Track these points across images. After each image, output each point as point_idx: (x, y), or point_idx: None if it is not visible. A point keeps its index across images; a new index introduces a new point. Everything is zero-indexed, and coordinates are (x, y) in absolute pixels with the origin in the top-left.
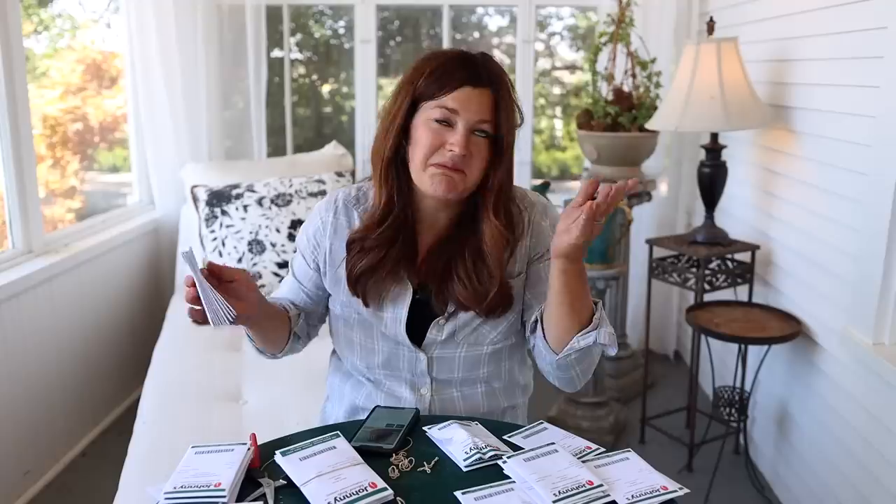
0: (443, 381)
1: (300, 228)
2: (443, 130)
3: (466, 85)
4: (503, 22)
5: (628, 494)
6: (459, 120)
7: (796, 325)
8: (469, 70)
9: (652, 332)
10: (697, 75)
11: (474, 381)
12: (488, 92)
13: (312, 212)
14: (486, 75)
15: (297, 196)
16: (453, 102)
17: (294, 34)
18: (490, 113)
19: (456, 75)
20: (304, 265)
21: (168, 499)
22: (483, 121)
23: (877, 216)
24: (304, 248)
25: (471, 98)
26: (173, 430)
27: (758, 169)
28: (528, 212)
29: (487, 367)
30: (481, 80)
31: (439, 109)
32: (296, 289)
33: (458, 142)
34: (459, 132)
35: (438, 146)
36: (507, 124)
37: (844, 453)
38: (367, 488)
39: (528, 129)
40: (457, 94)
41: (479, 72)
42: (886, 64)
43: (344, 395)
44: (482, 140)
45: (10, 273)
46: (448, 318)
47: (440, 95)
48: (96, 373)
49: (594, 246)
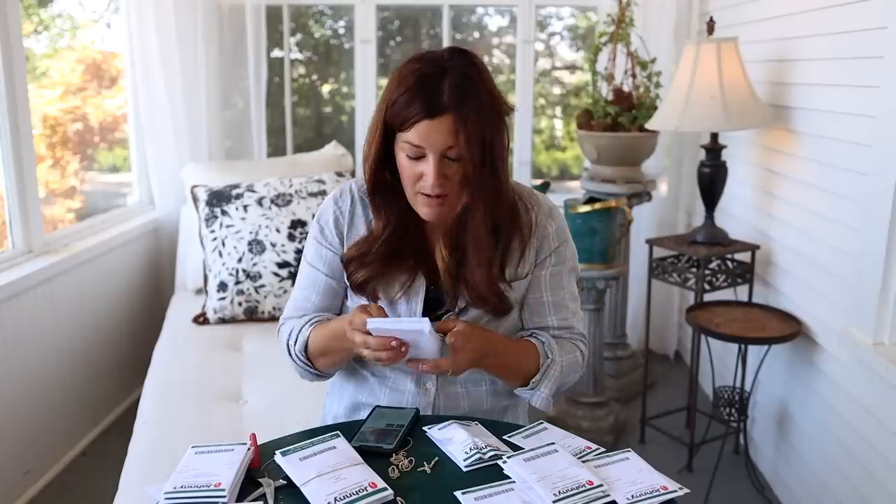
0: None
1: (315, 223)
2: (417, 162)
3: (424, 118)
4: (503, 22)
5: (628, 494)
6: (427, 152)
7: (796, 325)
8: (425, 100)
9: (652, 332)
10: (697, 75)
11: (479, 380)
12: (449, 117)
13: (325, 204)
14: (445, 97)
15: (297, 196)
16: (416, 139)
17: (294, 34)
18: (453, 138)
19: (413, 109)
20: (333, 257)
21: (168, 499)
22: (448, 148)
23: (877, 216)
24: (329, 240)
25: (430, 131)
26: (173, 430)
27: (758, 169)
28: (535, 212)
29: None
30: (438, 108)
31: (407, 145)
32: (331, 289)
33: (430, 174)
34: (430, 164)
35: (417, 177)
36: (476, 141)
37: (844, 453)
38: (367, 488)
39: (528, 129)
40: (417, 129)
41: (435, 98)
42: (886, 64)
43: (345, 392)
44: (457, 164)
45: (10, 273)
46: (459, 313)
47: (404, 130)
48: (96, 373)
49: (594, 246)
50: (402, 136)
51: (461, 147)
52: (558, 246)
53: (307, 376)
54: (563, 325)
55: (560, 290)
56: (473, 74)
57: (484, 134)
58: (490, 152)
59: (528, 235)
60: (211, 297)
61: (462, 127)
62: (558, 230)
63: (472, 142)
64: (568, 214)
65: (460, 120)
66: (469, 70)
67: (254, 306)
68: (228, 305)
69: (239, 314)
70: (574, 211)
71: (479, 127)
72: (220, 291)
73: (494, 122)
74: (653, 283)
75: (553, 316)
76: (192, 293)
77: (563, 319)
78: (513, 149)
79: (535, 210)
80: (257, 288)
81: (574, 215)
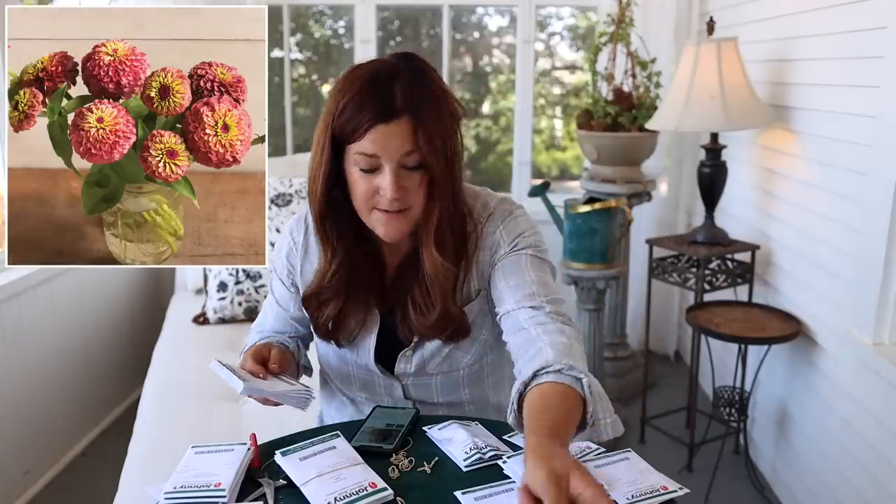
0: (426, 403)
1: (274, 252)
2: (372, 176)
3: (379, 123)
4: (503, 22)
5: (628, 494)
6: (383, 162)
7: (796, 325)
8: (378, 103)
9: (652, 332)
10: (697, 75)
11: (458, 404)
12: (406, 120)
13: (283, 232)
14: (400, 100)
15: (297, 196)
16: (371, 147)
17: (294, 34)
18: (412, 143)
19: (366, 114)
20: (283, 290)
21: (168, 499)
22: (407, 153)
23: (877, 216)
24: (280, 272)
25: (387, 136)
26: (173, 430)
27: (758, 169)
28: (483, 225)
29: (468, 389)
30: (394, 111)
31: (360, 157)
32: (282, 317)
33: (388, 186)
34: (387, 175)
35: (373, 192)
36: (435, 147)
37: (844, 453)
38: (367, 488)
39: (528, 129)
40: (371, 135)
41: (389, 101)
42: (886, 64)
43: (332, 415)
44: (416, 173)
45: (10, 273)
46: (414, 348)
47: (356, 140)
48: (96, 373)
49: (594, 246)
50: (354, 148)
51: (422, 152)
52: (512, 240)
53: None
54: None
55: (517, 273)
56: (426, 75)
57: (442, 137)
58: (450, 158)
59: (473, 251)
60: (211, 297)
61: (421, 128)
62: (508, 228)
63: (433, 145)
64: (568, 214)
65: (418, 121)
66: (421, 70)
67: (254, 306)
68: (228, 305)
69: (239, 314)
70: (574, 211)
71: (438, 129)
72: (220, 291)
73: (451, 126)
74: (653, 283)
75: (511, 298)
76: (192, 293)
77: (526, 298)
78: (512, 149)
79: (482, 223)
80: (257, 288)
81: (574, 215)
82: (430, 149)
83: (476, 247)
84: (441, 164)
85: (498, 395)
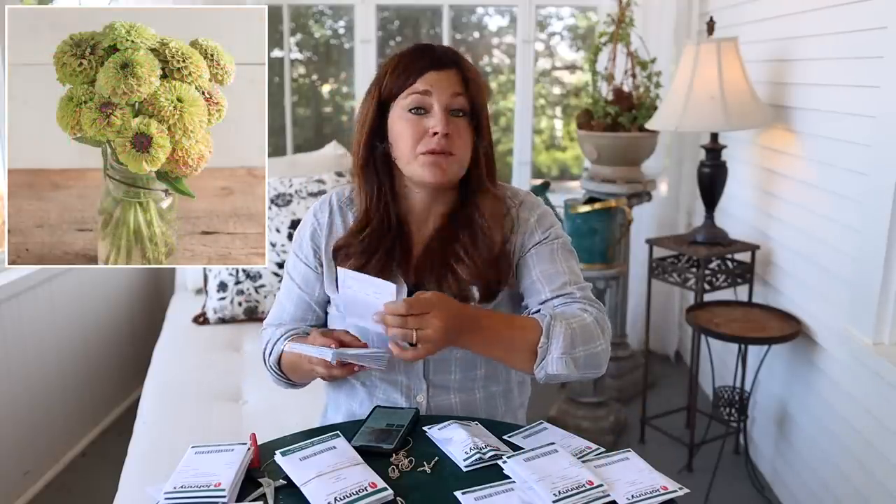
0: (439, 385)
1: (295, 236)
2: (420, 118)
3: (431, 69)
4: (503, 22)
5: (628, 494)
6: (434, 102)
7: (796, 325)
8: (429, 56)
9: (652, 332)
10: (697, 75)
11: (472, 386)
12: (455, 71)
13: (306, 215)
14: (448, 58)
15: (297, 196)
16: (424, 85)
17: (294, 34)
18: (462, 87)
19: (418, 64)
20: (307, 271)
21: (168, 499)
22: (456, 94)
23: (877, 216)
24: (305, 253)
25: (439, 79)
26: (173, 430)
27: (758, 169)
28: (517, 209)
29: (485, 366)
30: (444, 62)
31: (412, 97)
32: (304, 302)
33: (439, 122)
34: (437, 114)
35: (421, 134)
36: (480, 98)
37: (844, 453)
38: (367, 488)
39: (528, 129)
40: (425, 78)
41: (439, 56)
42: (886, 64)
43: (340, 403)
44: (461, 119)
45: (10, 273)
46: None
47: (409, 85)
48: (96, 373)
49: (594, 246)
50: (407, 92)
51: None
52: (545, 230)
53: (282, 385)
54: (559, 294)
55: (552, 264)
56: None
57: (482, 96)
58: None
59: (510, 232)
60: (211, 297)
61: (466, 78)
62: (541, 218)
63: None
64: (568, 214)
65: (464, 73)
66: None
67: (254, 306)
68: (228, 305)
69: (239, 314)
70: (574, 211)
71: (479, 87)
72: (220, 291)
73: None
74: (653, 283)
75: (546, 288)
76: (192, 293)
77: (559, 288)
78: (512, 149)
79: (515, 207)
80: (257, 288)
81: (574, 215)
82: (476, 93)
83: (511, 229)
84: (482, 115)
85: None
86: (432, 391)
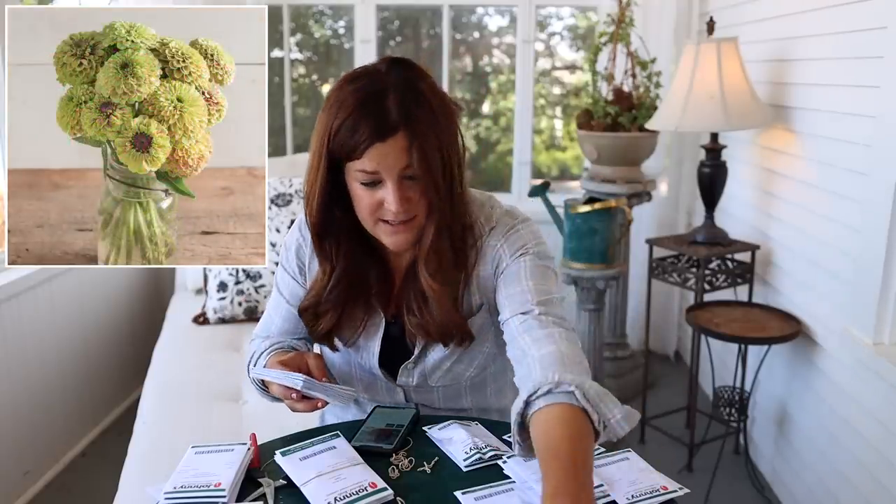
0: (426, 407)
1: (282, 248)
2: (374, 190)
3: (376, 142)
4: (503, 22)
5: (628, 494)
6: (384, 177)
7: (796, 325)
8: (374, 121)
9: (652, 332)
10: (697, 75)
11: (461, 410)
12: (402, 135)
13: (292, 229)
14: (394, 114)
15: (297, 196)
16: (371, 165)
17: (294, 34)
18: (408, 157)
19: (362, 134)
20: (294, 285)
21: (168, 499)
22: (406, 166)
23: (877, 216)
24: (291, 267)
25: (384, 153)
26: (173, 430)
27: (758, 169)
28: (484, 238)
29: (470, 396)
30: (388, 127)
31: (362, 174)
32: (292, 315)
33: (392, 200)
34: (390, 189)
35: (378, 206)
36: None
37: (844, 453)
38: (367, 488)
39: (528, 129)
40: (370, 154)
41: (381, 115)
42: (886, 64)
43: (335, 414)
44: (418, 183)
45: (10, 273)
46: (416, 361)
47: (355, 158)
48: (96, 373)
49: (594, 246)
50: (354, 166)
51: (418, 166)
52: (514, 252)
53: (267, 398)
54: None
55: (517, 282)
56: (417, 82)
57: (440, 144)
58: (449, 163)
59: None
60: (211, 297)
61: (416, 143)
62: (510, 241)
63: (428, 156)
64: (568, 214)
65: (413, 136)
66: (411, 78)
67: (254, 306)
68: (228, 305)
69: (239, 314)
70: (574, 211)
71: (435, 138)
72: (220, 291)
73: (448, 128)
74: (653, 283)
75: (507, 309)
76: (192, 293)
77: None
78: (512, 149)
79: (484, 236)
80: (257, 288)
81: (574, 215)
82: (426, 165)
83: (476, 261)
84: (438, 173)
85: (500, 401)
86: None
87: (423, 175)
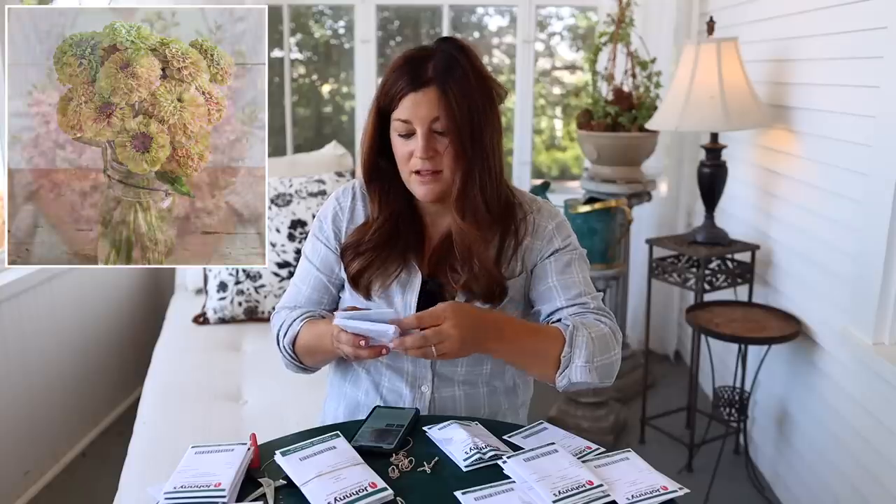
0: (445, 377)
1: (316, 219)
2: (407, 141)
3: (409, 92)
4: (503, 22)
5: (628, 494)
6: (416, 127)
7: (796, 325)
8: (409, 74)
9: (652, 332)
10: (697, 75)
11: (476, 381)
12: (434, 89)
13: (328, 200)
14: (431, 70)
15: (297, 196)
16: (404, 113)
17: (294, 34)
18: (438, 109)
19: (399, 85)
20: (327, 252)
21: (168, 499)
22: (434, 119)
23: (877, 216)
24: (326, 235)
25: (417, 103)
26: (173, 430)
27: (758, 169)
28: (534, 214)
29: (491, 363)
30: (422, 80)
31: (398, 123)
32: (321, 284)
33: (419, 148)
34: (418, 139)
35: (409, 155)
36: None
37: (844, 453)
38: (367, 488)
39: (528, 129)
40: (404, 103)
41: (419, 72)
42: (886, 64)
43: (344, 393)
44: (445, 138)
45: (10, 273)
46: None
47: (393, 109)
48: (96, 373)
49: (594, 246)
50: (394, 116)
51: (446, 118)
52: (563, 238)
53: (292, 368)
54: (574, 303)
55: (569, 274)
56: (460, 56)
57: (470, 107)
58: (479, 129)
59: (523, 235)
60: (211, 297)
61: (445, 97)
62: (559, 227)
63: (456, 113)
64: (568, 214)
65: (443, 91)
66: (455, 52)
67: (254, 306)
68: (228, 305)
69: (239, 314)
70: (574, 211)
71: (464, 100)
72: (220, 291)
73: (483, 102)
74: (653, 283)
75: (562, 296)
76: (192, 293)
77: (574, 297)
78: (512, 149)
79: (533, 213)
80: (257, 288)
81: (574, 215)
82: (453, 115)
83: (526, 233)
84: (465, 132)
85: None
86: (437, 382)
87: (450, 129)
